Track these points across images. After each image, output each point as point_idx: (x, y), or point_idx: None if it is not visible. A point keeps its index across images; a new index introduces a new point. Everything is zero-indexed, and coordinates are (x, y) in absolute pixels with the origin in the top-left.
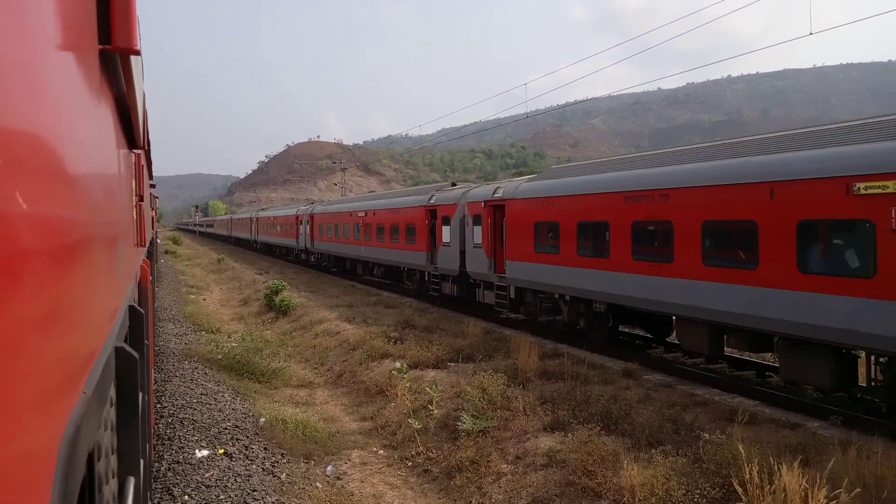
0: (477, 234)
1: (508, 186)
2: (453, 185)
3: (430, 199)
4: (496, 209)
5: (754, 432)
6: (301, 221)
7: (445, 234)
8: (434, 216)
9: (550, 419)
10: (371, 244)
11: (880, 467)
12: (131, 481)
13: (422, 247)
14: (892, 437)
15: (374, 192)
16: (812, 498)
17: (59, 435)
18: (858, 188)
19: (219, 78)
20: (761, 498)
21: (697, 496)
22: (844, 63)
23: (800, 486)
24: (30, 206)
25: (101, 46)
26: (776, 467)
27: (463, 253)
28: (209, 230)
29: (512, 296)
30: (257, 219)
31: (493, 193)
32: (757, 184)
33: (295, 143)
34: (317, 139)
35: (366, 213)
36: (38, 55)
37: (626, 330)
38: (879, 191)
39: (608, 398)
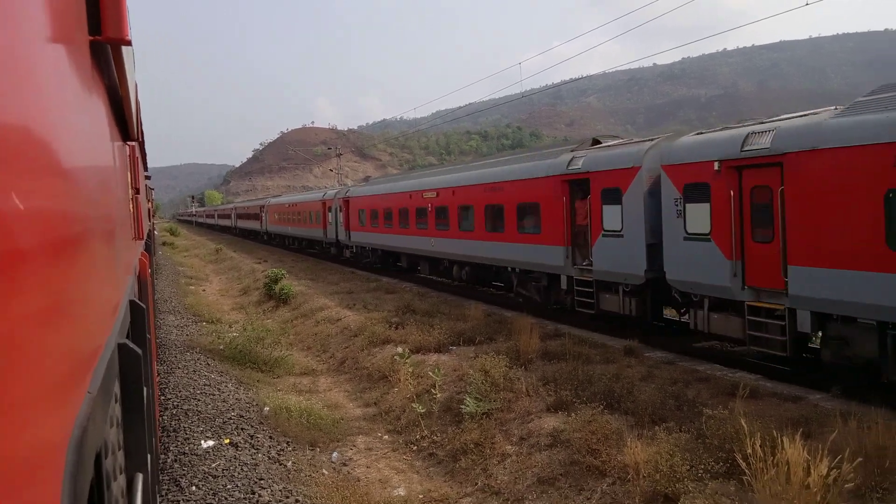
0: (698, 217)
1: (793, 127)
2: (596, 141)
3: (569, 165)
4: (745, 173)
5: (756, 406)
6: (330, 208)
7: (611, 216)
8: (579, 189)
9: (553, 399)
10: (449, 234)
11: (881, 437)
12: (139, 478)
13: (554, 237)
14: (892, 407)
15: (412, 169)
16: (814, 469)
17: (66, 437)
18: None
19: (210, 66)
20: (764, 471)
21: (701, 471)
22: (840, 33)
23: (802, 458)
24: (24, 201)
25: (91, 37)
26: (779, 440)
27: (654, 247)
28: (209, 221)
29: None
30: (268, 206)
31: (745, 145)
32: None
33: (289, 129)
34: (311, 125)
35: (438, 193)
36: (27, 47)
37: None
38: None
39: (610, 377)
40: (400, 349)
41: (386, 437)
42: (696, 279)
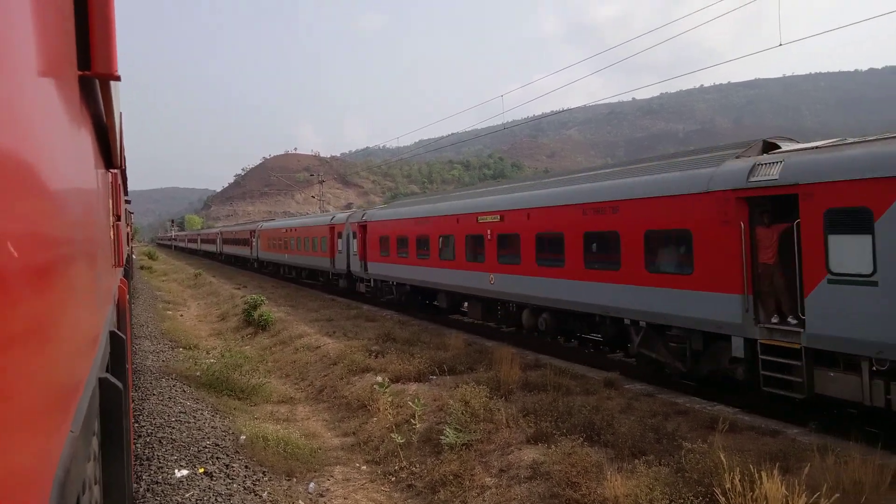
0: None
1: None
2: (771, 146)
3: (751, 175)
4: None
5: (735, 440)
6: (340, 234)
7: (848, 252)
8: (763, 212)
9: (533, 431)
10: (521, 270)
11: (858, 472)
12: None
13: (720, 280)
14: (867, 441)
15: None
16: None
17: (49, 480)
18: None
19: (193, 91)
20: None
21: None
22: (813, 73)
23: (780, 493)
24: (8, 228)
25: (80, 72)
26: (756, 475)
27: None
28: (191, 246)
29: None
30: (260, 231)
31: None
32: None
33: (272, 155)
34: (294, 152)
35: (502, 216)
36: (19, 82)
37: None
38: None
39: (590, 409)
40: (380, 378)
41: (364, 467)
42: None
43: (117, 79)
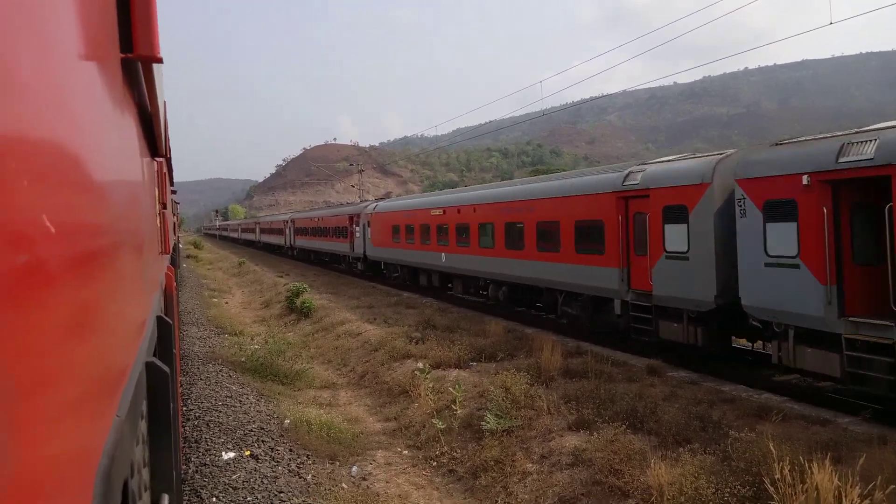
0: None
1: None
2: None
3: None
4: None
5: (783, 429)
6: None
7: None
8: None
9: (575, 418)
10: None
11: None
12: (165, 498)
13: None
14: None
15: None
16: (845, 496)
17: (94, 466)
18: None
19: (236, 84)
20: (793, 497)
21: (727, 495)
22: (864, 52)
23: (832, 484)
24: (55, 216)
25: (122, 55)
26: (807, 466)
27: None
28: (233, 235)
29: None
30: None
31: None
32: None
33: (311, 146)
34: (333, 142)
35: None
36: (62, 66)
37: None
38: None
39: (633, 396)
40: (421, 364)
41: (406, 452)
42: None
43: (160, 61)
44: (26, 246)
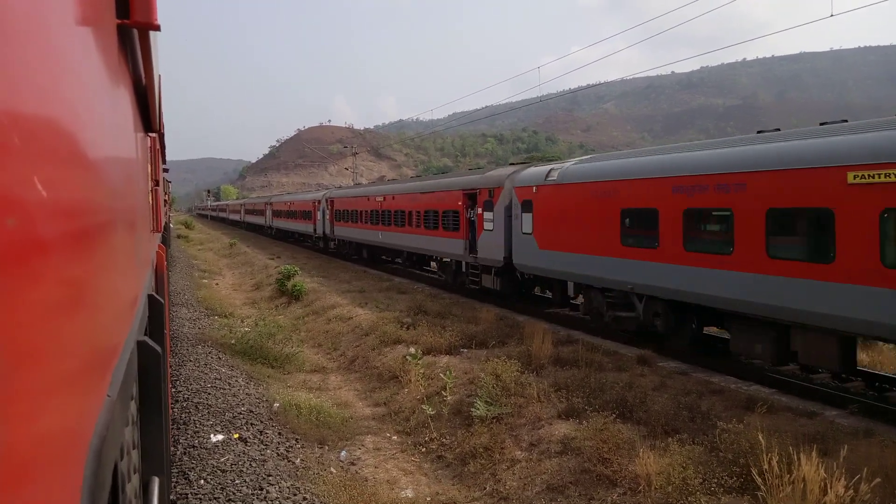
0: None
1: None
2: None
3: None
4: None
5: (771, 421)
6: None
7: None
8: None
9: (565, 406)
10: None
11: None
12: (156, 481)
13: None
14: None
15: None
16: (831, 488)
17: (84, 446)
18: None
19: (229, 63)
20: (780, 488)
21: (714, 485)
22: (862, 46)
23: (819, 476)
24: (48, 191)
25: (118, 21)
26: (794, 457)
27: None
28: (221, 215)
29: None
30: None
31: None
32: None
33: (306, 127)
34: (328, 124)
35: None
36: (55, 30)
37: None
38: None
39: (623, 385)
40: (411, 350)
41: (395, 437)
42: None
43: (157, 28)
44: (15, 220)
